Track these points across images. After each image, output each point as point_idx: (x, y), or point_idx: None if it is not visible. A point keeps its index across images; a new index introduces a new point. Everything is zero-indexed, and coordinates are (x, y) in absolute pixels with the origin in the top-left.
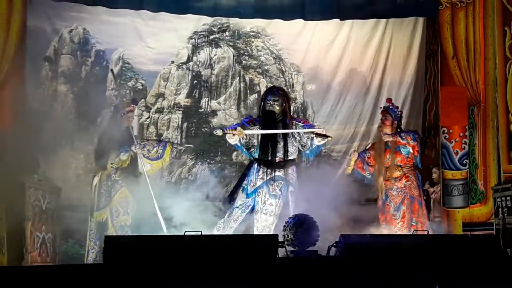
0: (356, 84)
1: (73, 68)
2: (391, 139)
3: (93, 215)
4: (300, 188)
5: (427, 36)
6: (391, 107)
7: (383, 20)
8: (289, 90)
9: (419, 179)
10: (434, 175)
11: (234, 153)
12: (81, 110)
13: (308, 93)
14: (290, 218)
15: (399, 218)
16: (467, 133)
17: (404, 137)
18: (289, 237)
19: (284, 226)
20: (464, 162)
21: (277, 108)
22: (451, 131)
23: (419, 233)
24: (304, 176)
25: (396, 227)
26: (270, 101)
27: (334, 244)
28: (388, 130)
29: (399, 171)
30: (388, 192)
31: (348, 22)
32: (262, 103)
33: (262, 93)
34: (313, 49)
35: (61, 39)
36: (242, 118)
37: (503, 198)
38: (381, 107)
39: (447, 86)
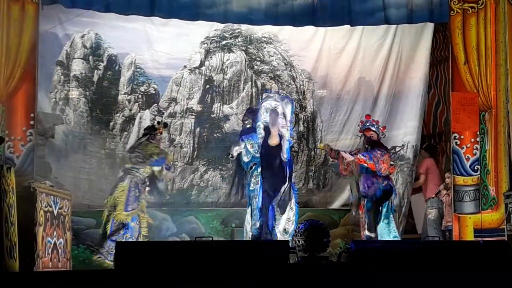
0: (364, 93)
1: (86, 73)
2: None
3: (116, 216)
4: None
5: (438, 42)
6: (374, 124)
7: (393, 27)
8: (300, 97)
9: None
10: (448, 180)
11: None
12: (94, 114)
13: (318, 101)
14: (301, 224)
15: None
16: (478, 139)
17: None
18: (300, 243)
19: (295, 232)
20: (476, 168)
21: None
22: (462, 137)
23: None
24: None
25: None
26: None
27: (345, 250)
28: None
29: None
30: None
31: (359, 28)
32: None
33: None
34: (324, 56)
35: (73, 44)
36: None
37: None
38: (359, 124)
39: (458, 92)
